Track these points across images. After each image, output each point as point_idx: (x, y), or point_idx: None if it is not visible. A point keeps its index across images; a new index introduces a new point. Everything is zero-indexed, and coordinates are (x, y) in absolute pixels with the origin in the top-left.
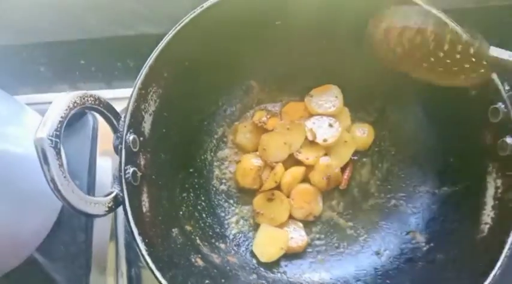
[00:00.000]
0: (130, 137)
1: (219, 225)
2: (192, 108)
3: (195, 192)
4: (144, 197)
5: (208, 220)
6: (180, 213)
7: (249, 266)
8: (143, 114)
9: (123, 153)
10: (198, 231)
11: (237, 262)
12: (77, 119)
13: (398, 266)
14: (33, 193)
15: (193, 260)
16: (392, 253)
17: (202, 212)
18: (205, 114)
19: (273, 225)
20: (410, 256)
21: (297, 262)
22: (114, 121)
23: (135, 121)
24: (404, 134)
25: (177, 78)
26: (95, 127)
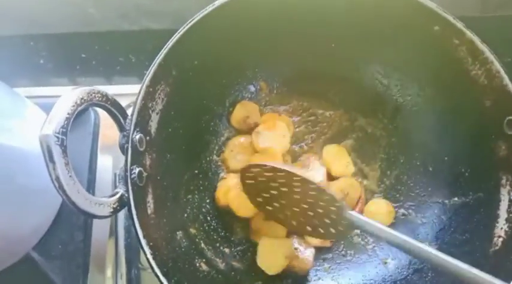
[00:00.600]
0: (137, 136)
1: (223, 229)
2: (199, 108)
3: (200, 194)
4: (149, 198)
5: (213, 223)
6: (185, 216)
7: (254, 273)
8: (150, 112)
9: (130, 152)
10: (203, 235)
11: (241, 268)
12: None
13: (406, 277)
14: (32, 190)
15: (198, 264)
16: (400, 263)
17: (207, 215)
18: (212, 115)
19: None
20: (420, 266)
21: None
22: (121, 119)
23: (142, 120)
24: (414, 142)
25: (185, 77)
26: (96, 123)
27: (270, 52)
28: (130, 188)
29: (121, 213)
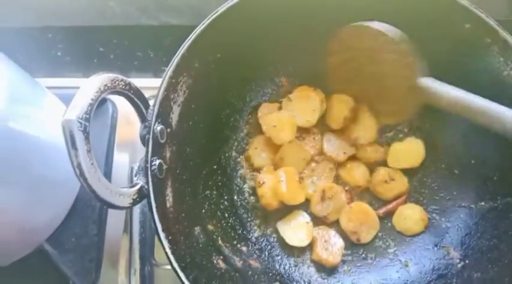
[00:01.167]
0: (158, 127)
1: (241, 226)
2: (220, 102)
3: (218, 190)
4: (169, 191)
5: (231, 220)
6: (203, 211)
7: (272, 273)
8: (172, 104)
9: (151, 143)
10: (220, 231)
11: (259, 267)
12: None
13: (430, 282)
14: (47, 181)
15: (215, 261)
16: (423, 268)
17: (225, 212)
18: (233, 110)
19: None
20: (444, 272)
21: None
22: (143, 109)
23: (164, 112)
24: (439, 144)
25: (207, 70)
26: (114, 116)
27: (292, 48)
28: (150, 180)
29: (136, 208)
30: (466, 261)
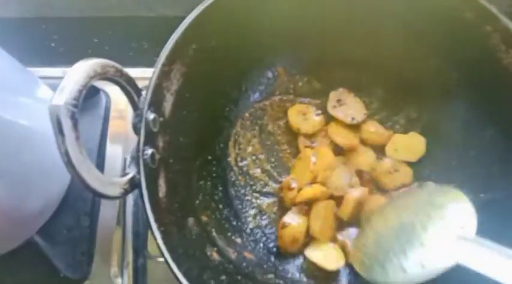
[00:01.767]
0: (151, 116)
1: (235, 218)
2: (214, 92)
3: (212, 181)
4: (161, 181)
5: (225, 212)
6: (196, 202)
7: (267, 265)
8: (165, 92)
9: (143, 131)
10: (214, 223)
11: (254, 259)
12: (89, 97)
13: None
14: (38, 170)
15: (209, 253)
16: None
17: (219, 203)
18: (228, 100)
19: None
20: None
21: None
22: (135, 97)
23: (156, 100)
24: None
25: (202, 58)
26: (107, 107)
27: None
28: (142, 169)
29: (129, 199)
30: None
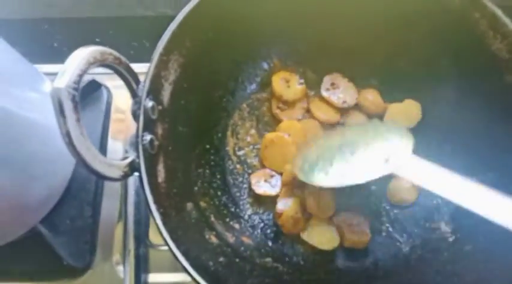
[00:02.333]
0: (150, 103)
1: (233, 205)
2: (212, 83)
3: (210, 169)
4: (160, 167)
5: (223, 198)
6: (195, 189)
7: (264, 249)
8: (163, 82)
9: (142, 117)
10: (213, 209)
11: (251, 244)
12: (91, 92)
13: (421, 256)
14: (43, 161)
15: (208, 236)
16: (414, 242)
17: (217, 190)
18: (225, 91)
19: None
20: (435, 246)
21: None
22: (134, 85)
23: (155, 88)
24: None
25: (199, 49)
26: (109, 102)
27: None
28: (141, 153)
29: (131, 189)
30: (458, 235)
